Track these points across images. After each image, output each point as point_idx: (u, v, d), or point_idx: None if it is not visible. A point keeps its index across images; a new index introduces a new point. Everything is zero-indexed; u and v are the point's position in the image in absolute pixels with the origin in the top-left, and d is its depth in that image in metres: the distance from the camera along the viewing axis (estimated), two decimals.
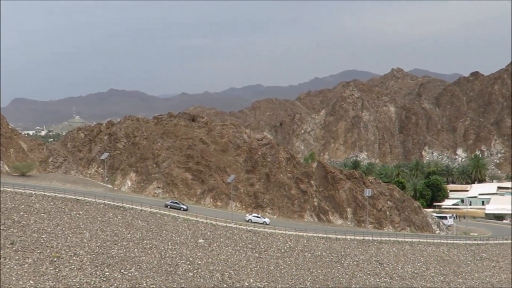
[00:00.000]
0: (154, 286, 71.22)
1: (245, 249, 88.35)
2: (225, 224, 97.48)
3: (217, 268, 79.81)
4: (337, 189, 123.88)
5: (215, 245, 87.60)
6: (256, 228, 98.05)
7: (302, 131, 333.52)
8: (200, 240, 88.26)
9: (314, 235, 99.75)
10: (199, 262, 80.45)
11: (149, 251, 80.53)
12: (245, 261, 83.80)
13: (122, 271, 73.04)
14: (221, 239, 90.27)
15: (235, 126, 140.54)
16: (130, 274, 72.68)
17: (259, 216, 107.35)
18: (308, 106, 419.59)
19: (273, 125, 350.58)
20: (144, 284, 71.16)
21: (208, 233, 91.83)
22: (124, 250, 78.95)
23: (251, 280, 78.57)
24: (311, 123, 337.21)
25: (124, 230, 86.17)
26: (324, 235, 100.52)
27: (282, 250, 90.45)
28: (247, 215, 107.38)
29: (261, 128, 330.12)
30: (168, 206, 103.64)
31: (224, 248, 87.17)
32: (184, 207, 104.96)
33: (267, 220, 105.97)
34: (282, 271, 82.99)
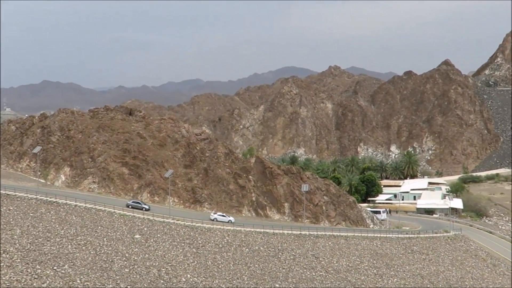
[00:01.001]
0: (88, 283, 69.63)
1: (183, 244, 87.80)
2: (162, 220, 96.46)
3: (154, 264, 78.93)
4: (275, 184, 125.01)
5: (152, 240, 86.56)
6: (193, 223, 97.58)
7: (241, 126, 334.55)
8: (137, 236, 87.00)
9: (252, 230, 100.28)
10: (136, 258, 79.30)
11: (84, 247, 78.65)
12: (182, 257, 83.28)
13: (55, 268, 70.99)
14: (158, 235, 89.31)
15: (174, 120, 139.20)
16: (63, 271, 70.74)
17: (224, 215, 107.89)
18: (247, 102, 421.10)
19: (212, 120, 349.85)
20: (78, 281, 69.46)
21: (145, 229, 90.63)
22: (57, 247, 76.76)
23: (188, 275, 78.19)
24: (250, 118, 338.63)
25: (57, 226, 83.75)
26: (262, 230, 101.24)
27: (220, 245, 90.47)
28: (212, 214, 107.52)
29: (200, 123, 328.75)
30: (130, 206, 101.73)
31: (161, 243, 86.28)
32: (146, 207, 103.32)
33: (232, 218, 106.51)
34: (220, 266, 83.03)
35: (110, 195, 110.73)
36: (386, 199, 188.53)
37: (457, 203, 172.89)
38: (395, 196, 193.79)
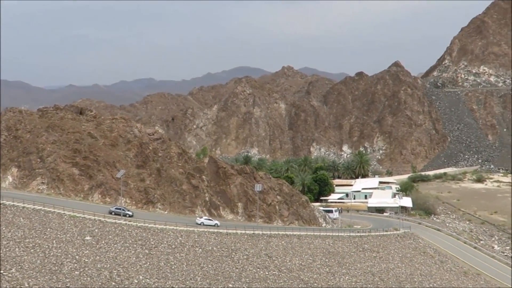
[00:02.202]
0: (37, 287, 67.88)
1: (135, 245, 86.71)
2: (114, 221, 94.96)
3: (105, 266, 77.64)
4: (229, 184, 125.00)
5: (103, 242, 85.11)
6: (146, 224, 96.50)
7: (194, 126, 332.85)
8: (87, 238, 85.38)
9: (205, 230, 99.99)
10: (86, 260, 77.81)
11: (32, 250, 76.63)
12: (134, 258, 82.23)
13: (1, 271, 68.88)
14: (110, 236, 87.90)
15: (126, 120, 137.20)
16: (10, 275, 68.75)
17: (211, 219, 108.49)
18: (200, 101, 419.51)
19: (165, 119, 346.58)
20: (26, 285, 67.62)
21: (96, 230, 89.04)
22: (4, 250, 74.52)
23: (141, 277, 77.29)
24: (203, 118, 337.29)
25: (3, 228, 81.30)
26: (215, 230, 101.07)
27: (173, 246, 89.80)
28: (198, 218, 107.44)
29: (152, 122, 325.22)
30: (113, 213, 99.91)
31: (112, 245, 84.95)
32: (130, 213, 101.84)
33: (218, 222, 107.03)
34: (173, 267, 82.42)
35: (60, 196, 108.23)
36: (338, 198, 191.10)
37: (407, 202, 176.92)
38: (347, 195, 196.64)
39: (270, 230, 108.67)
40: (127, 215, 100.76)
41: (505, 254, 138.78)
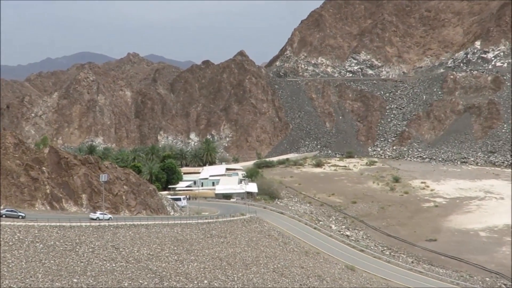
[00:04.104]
0: None
1: None
2: None
3: None
4: (71, 175, 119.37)
5: None
6: None
7: (33, 114, 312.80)
8: None
9: (47, 224, 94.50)
10: None
11: None
12: None
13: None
14: None
15: None
16: None
17: (105, 213, 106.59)
18: (39, 88, 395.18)
19: None
20: None
21: None
22: None
23: None
24: (42, 106, 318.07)
25: None
26: (58, 224, 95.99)
27: (10, 243, 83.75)
28: (92, 213, 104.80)
29: None
30: (4, 216, 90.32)
31: None
32: (23, 214, 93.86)
33: (111, 216, 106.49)
34: (10, 265, 76.93)
35: None
36: (186, 186, 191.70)
37: (252, 187, 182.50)
38: (195, 182, 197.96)
39: (117, 220, 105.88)
40: (20, 217, 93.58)
41: (341, 232, 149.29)
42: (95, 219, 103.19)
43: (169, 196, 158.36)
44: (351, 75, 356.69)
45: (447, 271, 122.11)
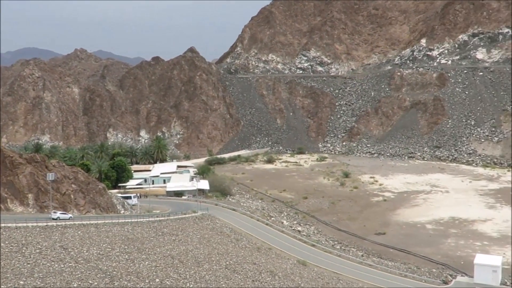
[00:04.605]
0: None
1: None
2: None
3: None
4: (17, 174, 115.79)
5: None
6: None
7: None
8: None
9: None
10: None
11: None
12: None
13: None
14: None
15: None
16: None
17: (65, 213, 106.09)
18: None
19: None
20: None
21: None
22: None
23: None
24: None
25: None
26: (2, 225, 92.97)
27: None
28: (53, 213, 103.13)
29: None
30: None
31: None
32: None
33: (72, 216, 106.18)
34: None
35: None
36: (137, 184, 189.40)
37: (204, 184, 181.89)
38: (146, 180, 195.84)
39: (65, 220, 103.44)
40: None
41: (293, 228, 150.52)
42: (56, 219, 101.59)
43: (119, 195, 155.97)
44: (301, 72, 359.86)
45: (396, 264, 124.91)
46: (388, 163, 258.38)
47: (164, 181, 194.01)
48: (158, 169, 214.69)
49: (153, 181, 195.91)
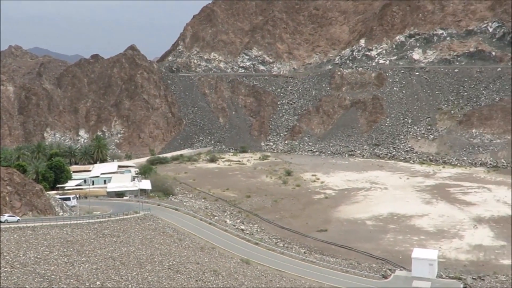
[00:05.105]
0: None
1: None
2: None
3: None
4: None
5: None
6: None
7: None
8: None
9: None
10: None
11: None
12: None
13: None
14: None
15: None
16: None
17: (13, 215, 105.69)
18: None
19: None
20: None
21: None
22: None
23: None
24: None
25: None
26: None
27: None
28: (1, 216, 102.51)
29: None
30: None
31: None
32: None
33: (19, 218, 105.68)
34: None
35: None
36: (76, 185, 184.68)
37: (146, 184, 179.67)
38: (85, 181, 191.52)
39: (13, 223, 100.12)
40: None
41: (236, 227, 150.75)
42: (3, 222, 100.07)
43: (58, 196, 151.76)
44: (243, 70, 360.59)
45: (337, 260, 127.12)
46: (329, 161, 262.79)
47: (105, 182, 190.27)
48: (98, 169, 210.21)
49: (93, 181, 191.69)
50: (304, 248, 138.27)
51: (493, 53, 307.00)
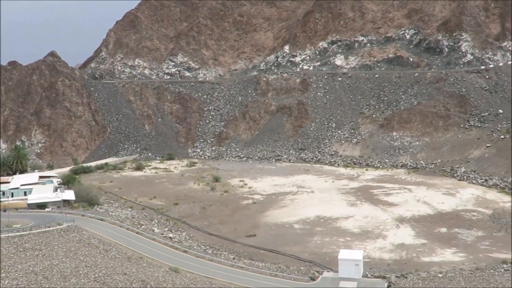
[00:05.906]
0: None
1: None
2: None
3: None
4: None
5: None
6: None
7: None
8: None
9: None
10: None
11: None
12: None
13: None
14: None
15: None
16: None
17: None
18: None
19: None
20: None
21: None
22: None
23: None
24: None
25: None
26: None
27: None
28: None
29: None
30: None
31: None
32: None
33: None
34: None
35: None
36: None
37: (69, 195, 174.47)
38: (4, 193, 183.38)
39: None
40: None
41: (164, 235, 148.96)
42: None
43: None
44: (169, 77, 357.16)
45: (266, 264, 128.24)
46: (257, 166, 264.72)
47: (25, 193, 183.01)
48: (18, 180, 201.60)
49: (12, 193, 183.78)
50: (233, 254, 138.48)
51: (411, 59, 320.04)
